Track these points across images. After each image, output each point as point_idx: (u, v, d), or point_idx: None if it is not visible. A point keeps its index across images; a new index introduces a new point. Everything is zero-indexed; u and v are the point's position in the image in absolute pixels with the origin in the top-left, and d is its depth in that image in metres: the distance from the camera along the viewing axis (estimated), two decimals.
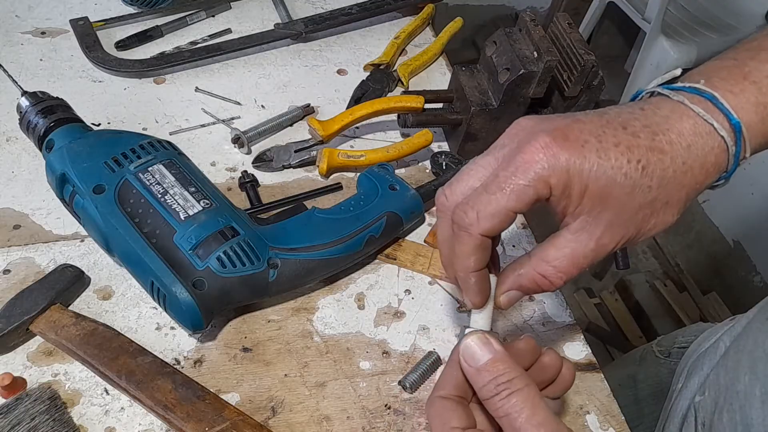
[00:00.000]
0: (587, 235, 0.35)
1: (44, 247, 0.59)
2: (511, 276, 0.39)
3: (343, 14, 0.87)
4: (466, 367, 0.36)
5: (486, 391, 0.35)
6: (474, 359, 0.36)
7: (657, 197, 0.35)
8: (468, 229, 0.36)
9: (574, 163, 0.34)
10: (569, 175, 0.34)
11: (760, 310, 0.53)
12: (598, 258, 0.36)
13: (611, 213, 0.35)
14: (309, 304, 0.58)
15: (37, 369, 0.51)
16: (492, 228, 0.36)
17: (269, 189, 0.68)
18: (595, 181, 0.34)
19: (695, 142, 0.36)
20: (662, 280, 1.76)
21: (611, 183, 0.34)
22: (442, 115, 0.73)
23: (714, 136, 0.36)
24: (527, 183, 0.34)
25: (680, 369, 0.65)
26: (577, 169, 0.34)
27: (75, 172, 0.54)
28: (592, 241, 0.35)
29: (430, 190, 0.65)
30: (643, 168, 0.35)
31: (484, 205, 0.36)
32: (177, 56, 0.78)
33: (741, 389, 0.50)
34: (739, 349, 0.52)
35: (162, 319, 0.55)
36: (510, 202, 0.35)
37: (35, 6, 0.84)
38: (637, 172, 0.34)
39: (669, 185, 0.35)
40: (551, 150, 0.34)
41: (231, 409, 0.48)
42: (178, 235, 0.52)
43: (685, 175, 0.36)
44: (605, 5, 2.01)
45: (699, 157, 0.36)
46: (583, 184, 0.34)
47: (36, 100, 0.59)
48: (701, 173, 0.36)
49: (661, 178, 0.35)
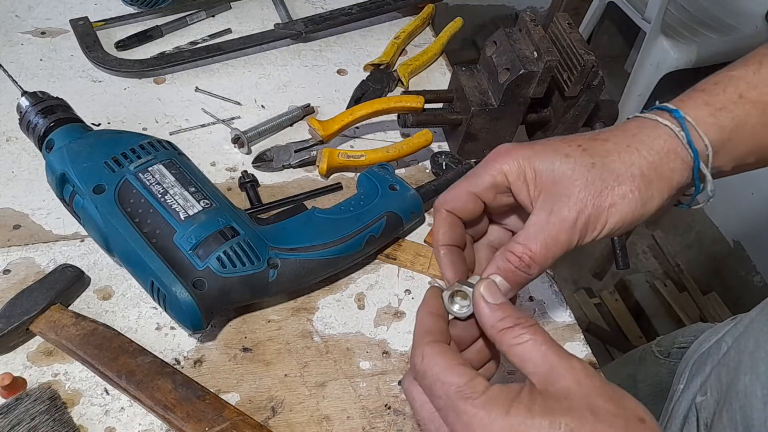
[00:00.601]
0: (546, 211, 0.38)
1: (44, 247, 0.59)
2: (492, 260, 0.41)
3: (343, 14, 0.87)
4: (483, 304, 0.36)
5: (505, 322, 0.35)
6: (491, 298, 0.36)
7: (603, 173, 0.38)
8: (438, 208, 0.42)
9: (525, 154, 0.40)
10: (520, 164, 0.39)
11: (761, 311, 0.53)
12: (565, 235, 0.38)
13: (562, 187, 0.38)
14: (309, 304, 0.58)
15: (37, 369, 0.51)
16: (455, 205, 0.41)
17: (269, 189, 0.68)
18: (542, 164, 0.39)
19: (640, 132, 0.40)
20: (662, 280, 1.76)
21: (556, 163, 0.39)
22: (442, 115, 0.73)
23: (658, 126, 0.40)
24: (484, 171, 0.41)
25: (681, 369, 0.65)
26: (527, 158, 0.39)
27: (75, 172, 0.54)
28: (552, 216, 0.38)
29: (430, 190, 0.65)
30: (584, 150, 0.39)
31: (451, 188, 0.42)
32: (177, 56, 0.78)
33: (741, 389, 0.50)
34: (740, 350, 0.52)
35: (162, 319, 0.55)
36: (469, 186, 0.41)
37: (35, 6, 0.84)
38: (577, 151, 0.39)
39: (614, 163, 0.38)
40: (509, 150, 0.40)
41: (231, 409, 0.48)
42: (178, 235, 0.52)
43: (631, 155, 0.39)
44: (605, 5, 2.01)
45: (645, 142, 0.39)
46: (533, 169, 0.39)
47: (36, 100, 0.59)
48: (650, 153, 0.39)
49: (603, 156, 0.39)
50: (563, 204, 0.38)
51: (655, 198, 0.39)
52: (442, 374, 0.34)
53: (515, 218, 0.45)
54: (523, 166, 0.39)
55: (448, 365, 0.34)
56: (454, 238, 0.42)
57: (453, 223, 0.42)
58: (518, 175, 0.40)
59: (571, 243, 0.38)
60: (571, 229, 0.38)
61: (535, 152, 0.40)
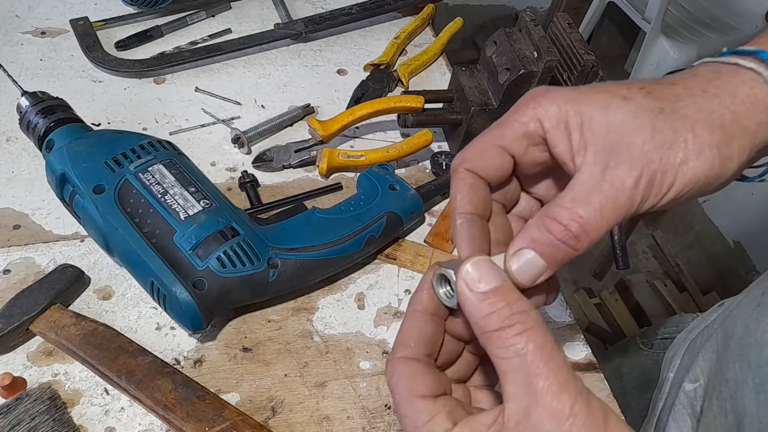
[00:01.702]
0: (599, 167, 0.30)
1: (44, 247, 0.59)
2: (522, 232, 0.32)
3: (343, 14, 0.87)
4: (466, 292, 0.29)
5: (490, 321, 0.28)
6: (478, 283, 0.29)
7: (674, 121, 0.30)
8: (455, 168, 0.34)
9: (567, 96, 0.31)
10: (561, 108, 0.31)
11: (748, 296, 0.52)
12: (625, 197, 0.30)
13: (619, 137, 0.30)
14: (309, 304, 0.58)
15: (37, 369, 0.51)
16: (477, 163, 0.33)
17: (269, 189, 0.68)
18: (592, 108, 0.31)
19: (716, 78, 0.32)
20: (662, 280, 1.76)
21: (612, 107, 0.30)
22: (442, 115, 0.73)
23: (739, 70, 0.32)
24: (513, 118, 0.33)
25: (670, 357, 0.65)
26: (571, 100, 0.31)
27: (75, 172, 0.54)
28: (608, 172, 0.30)
29: (430, 190, 0.65)
30: (647, 93, 0.31)
31: (471, 143, 0.34)
32: (177, 56, 0.78)
33: (731, 376, 0.49)
34: (727, 335, 0.51)
35: (162, 319, 0.55)
36: (494, 138, 0.33)
37: (35, 6, 0.84)
38: (639, 94, 0.31)
39: (687, 109, 0.31)
40: (545, 92, 0.32)
41: (231, 409, 0.48)
42: (178, 235, 0.52)
43: (709, 101, 0.31)
44: (605, 5, 2.01)
45: (725, 89, 0.31)
46: (578, 114, 0.31)
47: (36, 100, 0.59)
48: (733, 102, 0.31)
49: (672, 101, 0.31)
50: (622, 158, 0.30)
51: (735, 158, 0.31)
52: (403, 404, 0.30)
53: (548, 184, 0.37)
54: (564, 111, 0.31)
55: (409, 396, 0.30)
56: (475, 204, 0.33)
57: (474, 185, 0.33)
58: (558, 122, 0.31)
59: (631, 207, 0.30)
60: (632, 190, 0.29)
61: (581, 93, 0.31)
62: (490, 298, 0.28)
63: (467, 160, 0.33)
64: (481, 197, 0.34)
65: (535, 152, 0.33)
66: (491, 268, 0.29)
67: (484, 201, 0.34)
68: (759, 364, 0.46)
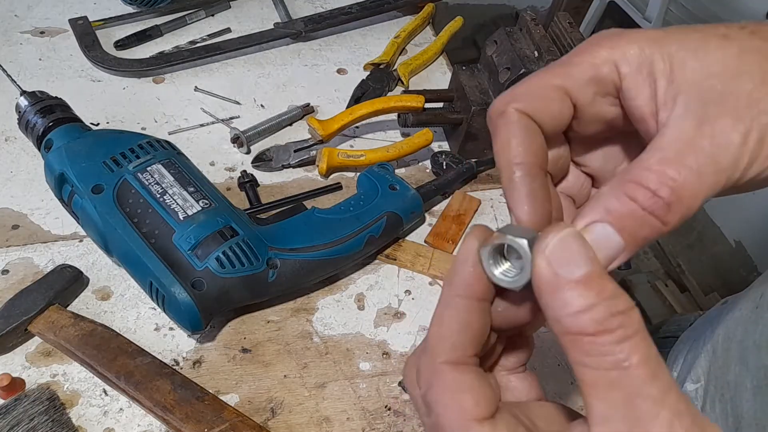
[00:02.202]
0: (695, 120, 0.24)
1: (43, 247, 0.59)
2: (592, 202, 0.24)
3: (343, 13, 0.87)
4: (550, 277, 0.22)
5: (581, 321, 0.21)
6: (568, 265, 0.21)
7: None
8: (500, 109, 0.27)
9: (650, 36, 0.25)
10: (643, 50, 0.25)
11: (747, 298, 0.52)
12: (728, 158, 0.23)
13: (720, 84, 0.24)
14: (309, 305, 0.58)
15: (35, 370, 0.51)
16: (534, 104, 0.26)
17: (269, 189, 0.67)
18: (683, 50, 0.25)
19: None
20: (663, 280, 1.76)
21: (710, 48, 0.24)
22: (443, 114, 0.73)
23: None
24: (582, 57, 0.26)
25: (674, 356, 0.64)
26: (655, 41, 0.25)
27: (74, 171, 0.54)
28: (706, 126, 0.23)
29: (431, 190, 0.65)
30: (752, 32, 0.25)
31: (525, 80, 0.27)
32: (176, 56, 0.78)
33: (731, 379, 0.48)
34: (728, 337, 0.51)
35: (161, 320, 0.55)
36: (557, 77, 0.26)
37: (34, 5, 0.84)
38: (741, 33, 0.25)
39: None
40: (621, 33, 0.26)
41: (230, 410, 0.48)
42: (177, 236, 0.52)
43: None
44: (606, 4, 2.01)
45: None
46: (666, 57, 0.25)
47: (35, 100, 0.58)
48: None
49: None
50: (726, 108, 0.24)
51: None
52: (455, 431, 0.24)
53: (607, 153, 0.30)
54: (649, 54, 0.25)
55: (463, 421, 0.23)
56: (536, 151, 0.26)
57: (531, 129, 0.26)
58: (639, 67, 0.25)
59: (735, 172, 0.24)
60: (739, 147, 0.23)
61: (668, 34, 0.25)
62: (583, 290, 0.21)
63: (519, 98, 0.26)
64: (539, 145, 0.26)
65: (602, 105, 0.27)
66: (583, 246, 0.22)
67: (544, 151, 0.27)
68: (757, 367, 0.46)
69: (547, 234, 0.22)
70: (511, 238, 0.23)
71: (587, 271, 0.21)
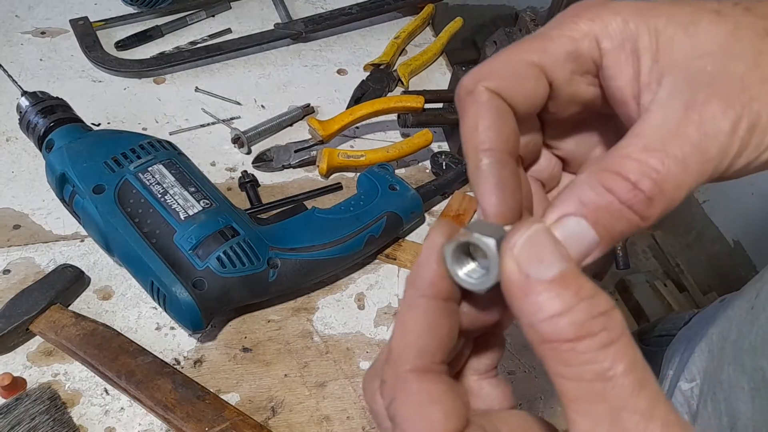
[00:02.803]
0: (681, 103, 0.21)
1: (44, 247, 0.59)
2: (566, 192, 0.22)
3: (343, 14, 0.87)
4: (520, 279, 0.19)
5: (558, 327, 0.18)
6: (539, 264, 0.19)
7: None
8: (469, 87, 0.24)
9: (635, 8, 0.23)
10: (629, 24, 0.23)
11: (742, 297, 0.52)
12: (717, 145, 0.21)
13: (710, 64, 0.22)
14: (309, 304, 0.58)
15: (36, 369, 0.51)
16: (505, 82, 0.23)
17: (269, 189, 0.68)
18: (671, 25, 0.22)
19: None
20: (662, 280, 1.76)
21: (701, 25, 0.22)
22: (443, 115, 0.73)
23: None
24: (561, 32, 0.24)
25: (671, 354, 0.64)
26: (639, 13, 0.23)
27: (75, 172, 0.54)
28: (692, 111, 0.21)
29: (430, 190, 0.65)
30: (746, 9, 0.23)
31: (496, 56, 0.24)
32: (177, 56, 0.78)
33: (725, 379, 0.48)
34: (723, 337, 0.51)
35: (162, 319, 0.55)
36: (532, 52, 0.24)
37: (35, 6, 0.84)
38: (735, 10, 0.23)
39: None
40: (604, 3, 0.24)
41: (231, 409, 0.48)
42: (178, 235, 0.52)
43: None
44: None
45: None
46: (652, 31, 0.22)
47: (36, 100, 0.59)
48: None
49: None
50: (715, 91, 0.21)
51: None
52: None
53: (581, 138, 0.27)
54: (633, 28, 0.23)
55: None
56: (506, 136, 0.24)
57: (502, 111, 0.24)
58: (622, 42, 0.23)
59: (722, 161, 0.22)
60: (728, 136, 0.21)
61: (655, 6, 0.23)
62: (559, 290, 0.19)
63: (490, 75, 0.23)
64: (510, 129, 0.24)
65: (580, 84, 0.24)
66: (553, 243, 0.20)
67: (515, 135, 0.24)
68: (753, 369, 0.45)
69: (515, 232, 0.20)
70: (477, 236, 0.21)
71: (561, 269, 0.19)
